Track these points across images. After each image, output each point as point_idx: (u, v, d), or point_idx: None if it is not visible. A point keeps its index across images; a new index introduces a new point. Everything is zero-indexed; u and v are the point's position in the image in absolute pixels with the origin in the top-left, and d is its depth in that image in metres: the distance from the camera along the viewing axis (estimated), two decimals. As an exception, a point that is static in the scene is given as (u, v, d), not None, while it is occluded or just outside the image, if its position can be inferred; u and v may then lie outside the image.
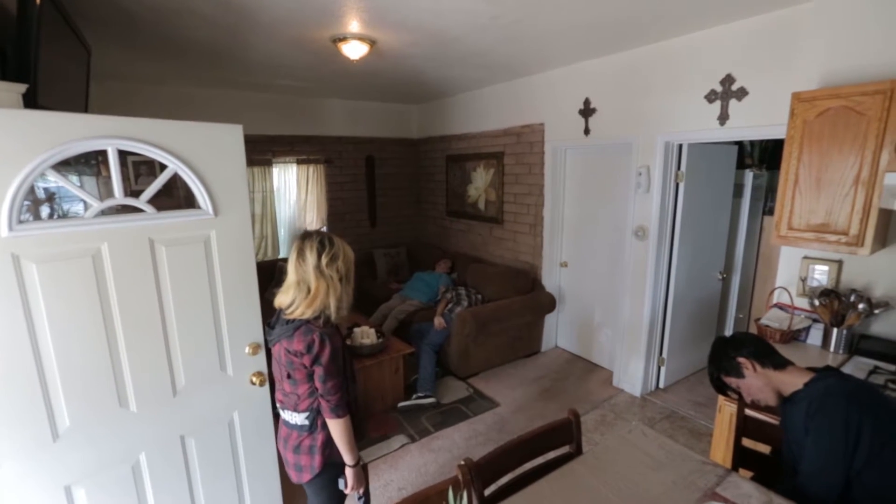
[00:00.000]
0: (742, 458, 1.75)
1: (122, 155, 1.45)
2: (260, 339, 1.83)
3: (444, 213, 5.54)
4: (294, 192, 5.10)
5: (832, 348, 2.22)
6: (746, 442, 1.74)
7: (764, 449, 1.72)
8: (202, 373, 1.69)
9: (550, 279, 4.17)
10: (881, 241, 2.05)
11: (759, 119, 2.61)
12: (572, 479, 1.36)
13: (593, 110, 3.55)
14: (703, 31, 2.80)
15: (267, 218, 4.93)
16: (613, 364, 3.66)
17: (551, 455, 1.55)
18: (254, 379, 1.82)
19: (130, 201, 1.47)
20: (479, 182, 4.86)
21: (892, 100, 1.82)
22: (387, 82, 4.30)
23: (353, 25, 2.67)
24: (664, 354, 3.45)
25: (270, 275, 4.66)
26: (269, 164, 4.81)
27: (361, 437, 1.64)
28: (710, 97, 2.82)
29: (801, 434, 1.34)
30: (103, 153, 1.40)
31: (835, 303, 2.18)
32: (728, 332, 3.95)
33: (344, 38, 2.88)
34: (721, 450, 2.13)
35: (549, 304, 4.07)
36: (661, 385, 3.53)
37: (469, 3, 2.32)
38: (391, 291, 4.70)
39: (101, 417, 1.48)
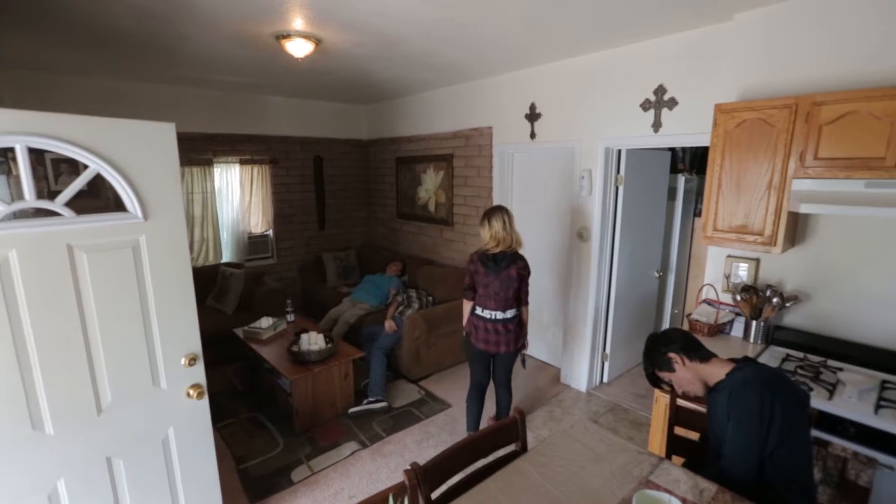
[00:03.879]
0: (675, 446, 1.86)
1: (39, 153, 1.33)
2: (197, 349, 1.73)
3: (395, 216, 5.51)
4: (237, 193, 4.88)
5: (752, 339, 2.42)
6: (678, 430, 1.86)
7: (694, 436, 1.84)
8: (131, 388, 1.58)
9: (500, 280, 4.25)
10: (791, 241, 2.26)
11: (688, 127, 2.80)
12: (518, 476, 1.39)
13: (538, 115, 3.66)
14: (638, 44, 2.96)
15: (208, 220, 4.68)
16: (561, 361, 3.79)
17: (501, 453, 1.59)
18: (191, 392, 1.73)
19: (43, 204, 1.35)
20: (430, 184, 4.87)
21: (797, 114, 2.01)
22: (334, 82, 4.22)
23: (298, 23, 2.60)
24: (607, 350, 3.62)
25: (212, 280, 4.44)
26: (209, 163, 4.58)
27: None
28: (645, 106, 2.99)
29: (724, 420, 1.45)
30: (13, 150, 1.28)
31: (753, 297, 2.38)
32: (665, 326, 4.20)
33: (288, 36, 2.79)
34: (658, 439, 2.26)
35: (499, 304, 4.14)
36: (606, 379, 3.70)
37: (413, 5, 2.32)
38: (341, 295, 4.61)
39: (9, 443, 1.34)
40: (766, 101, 2.12)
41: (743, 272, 2.52)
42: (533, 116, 3.70)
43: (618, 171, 3.32)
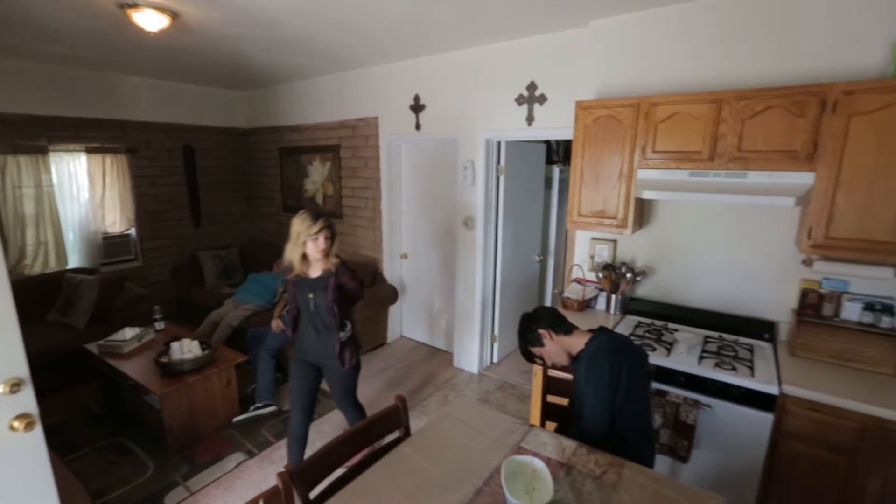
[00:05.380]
0: (548, 413, 2.05)
1: None
2: (20, 372, 1.46)
3: (281, 209, 5.20)
4: (86, 187, 4.20)
5: (612, 311, 2.75)
6: (551, 398, 2.05)
7: (564, 402, 2.04)
8: (-76, 427, 1.28)
9: (392, 271, 4.26)
10: (639, 223, 2.59)
11: (556, 122, 3.04)
12: (399, 461, 1.41)
13: (423, 106, 3.71)
14: (513, 41, 3.14)
15: (45, 220, 3.96)
16: (453, 346, 3.93)
17: (387, 439, 1.60)
18: (15, 424, 1.45)
19: None
20: (316, 176, 4.68)
21: (639, 112, 2.30)
22: (203, 63, 3.82)
23: (144, -8, 2.29)
24: (496, 332, 3.83)
25: (55, 290, 3.79)
26: (43, 151, 3.85)
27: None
28: (520, 100, 3.18)
29: (584, 384, 1.63)
30: None
31: (612, 274, 2.70)
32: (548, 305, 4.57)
33: (135, 5, 2.46)
34: (537, 408, 2.45)
35: (392, 295, 4.16)
36: (495, 360, 3.92)
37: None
38: (223, 297, 4.24)
39: None
40: (616, 100, 2.38)
41: (604, 252, 2.83)
42: (418, 108, 3.73)
43: (498, 162, 3.50)
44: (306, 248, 2.14)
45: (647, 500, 1.24)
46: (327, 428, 3.03)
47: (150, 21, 2.55)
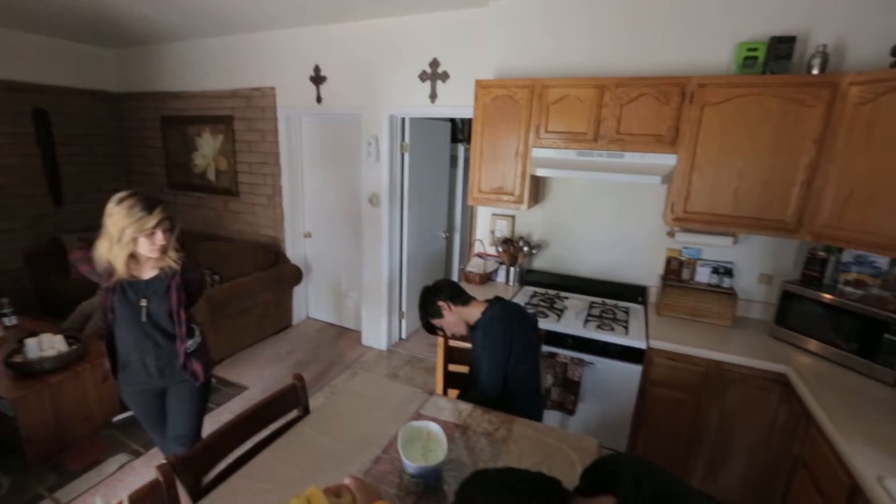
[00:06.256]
0: (450, 381, 2.14)
1: None
2: None
3: (167, 186, 4.68)
4: None
5: (511, 283, 2.92)
6: (452, 367, 2.14)
7: (465, 370, 2.14)
8: None
9: (295, 251, 4.08)
10: (535, 200, 2.75)
11: (459, 100, 3.09)
12: (298, 440, 1.39)
13: (324, 78, 3.53)
14: (415, 16, 3.09)
15: None
16: (361, 325, 3.90)
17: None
18: None
19: None
20: (207, 149, 4.27)
21: (533, 93, 2.42)
22: (57, 11, 3.23)
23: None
24: (403, 308, 3.87)
25: None
26: None
27: None
28: (423, 77, 3.17)
29: (480, 350, 1.72)
30: None
31: (511, 248, 2.85)
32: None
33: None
34: (441, 378, 2.55)
35: (296, 276, 3.99)
36: (404, 336, 3.97)
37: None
38: (95, 285, 3.73)
39: None
40: (512, 81, 2.48)
41: (503, 227, 2.98)
42: (318, 79, 3.55)
43: (403, 139, 3.48)
44: (137, 247, 1.61)
45: (532, 449, 1.37)
46: (227, 416, 2.85)
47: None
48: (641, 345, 2.16)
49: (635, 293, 2.67)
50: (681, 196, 2.23)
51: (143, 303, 1.70)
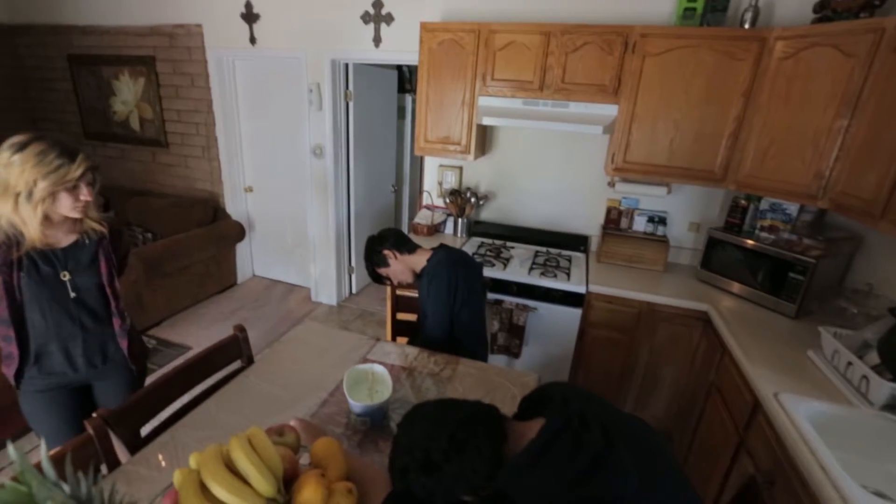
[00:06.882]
0: (399, 330, 2.17)
1: None
2: None
3: (83, 136, 4.23)
4: None
5: (459, 234, 2.95)
6: (400, 315, 2.16)
7: (412, 318, 2.17)
8: None
9: (236, 206, 3.87)
10: (482, 150, 2.75)
11: (404, 45, 2.94)
12: (242, 388, 1.38)
13: (257, 16, 3.24)
14: (353, -51, 2.86)
15: None
16: (310, 281, 3.83)
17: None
18: None
19: None
20: (127, 95, 3.87)
21: (480, 38, 2.35)
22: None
23: None
24: (353, 263, 3.83)
25: None
26: None
27: None
28: (366, 18, 2.99)
29: (426, 296, 1.75)
30: None
31: (459, 199, 2.86)
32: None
33: None
34: (390, 326, 2.59)
35: (238, 232, 3.82)
36: (354, 290, 3.96)
37: None
38: (6, 245, 3.39)
39: None
40: (458, 24, 2.39)
41: (451, 178, 2.97)
42: (250, 17, 3.25)
43: (347, 87, 3.31)
44: (55, 205, 1.26)
45: (476, 386, 1.43)
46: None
47: None
48: (581, 290, 2.28)
49: (578, 242, 2.78)
50: (621, 146, 2.30)
51: (66, 276, 1.36)
